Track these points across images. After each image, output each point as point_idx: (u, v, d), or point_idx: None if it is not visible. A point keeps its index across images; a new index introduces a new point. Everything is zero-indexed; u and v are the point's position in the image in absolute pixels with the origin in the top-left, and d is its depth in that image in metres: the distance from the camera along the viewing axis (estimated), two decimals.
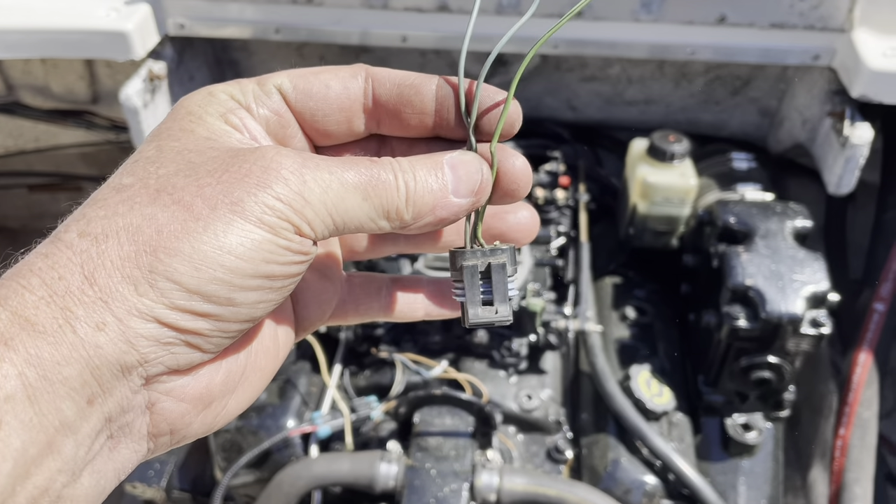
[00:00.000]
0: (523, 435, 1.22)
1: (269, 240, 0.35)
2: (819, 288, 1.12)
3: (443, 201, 0.39)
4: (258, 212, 0.35)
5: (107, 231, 0.34)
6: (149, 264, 0.34)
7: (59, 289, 0.33)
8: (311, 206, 0.36)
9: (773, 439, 1.23)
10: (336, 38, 1.33)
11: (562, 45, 1.29)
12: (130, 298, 0.33)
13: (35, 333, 0.32)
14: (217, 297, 0.35)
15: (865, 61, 1.18)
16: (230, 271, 0.34)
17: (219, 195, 0.35)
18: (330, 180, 0.37)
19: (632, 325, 1.34)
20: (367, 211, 0.38)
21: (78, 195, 1.61)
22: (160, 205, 0.35)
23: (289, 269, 0.37)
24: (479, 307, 0.42)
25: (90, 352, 0.33)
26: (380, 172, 0.38)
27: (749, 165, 1.38)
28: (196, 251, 0.34)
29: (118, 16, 1.26)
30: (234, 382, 0.40)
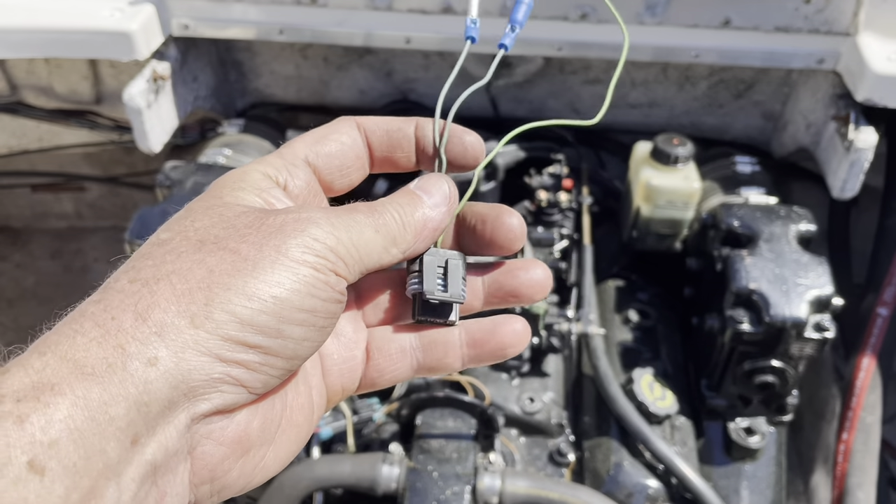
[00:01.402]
0: (525, 438, 1.22)
1: (313, 275, 0.38)
2: (823, 292, 1.12)
3: (428, 214, 0.44)
4: (301, 252, 0.38)
5: (157, 276, 0.36)
6: (204, 298, 0.35)
7: (111, 328, 0.34)
8: (342, 244, 0.39)
9: (776, 444, 1.23)
10: (340, 39, 1.33)
11: (565, 47, 1.29)
12: (186, 331, 0.35)
13: (83, 375, 0.32)
14: (268, 329, 0.36)
15: (870, 65, 1.18)
16: (280, 302, 0.37)
17: (262, 240, 0.38)
18: (350, 221, 0.41)
19: (634, 329, 1.33)
20: (381, 242, 0.41)
21: (81, 195, 1.61)
22: (206, 251, 0.37)
23: (330, 306, 0.39)
24: (436, 289, 0.45)
25: (139, 388, 0.33)
26: (379, 209, 0.43)
27: (753, 169, 1.38)
28: (248, 285, 0.36)
29: (122, 16, 1.26)
30: (271, 431, 0.40)
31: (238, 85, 1.65)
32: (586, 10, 1.25)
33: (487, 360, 0.47)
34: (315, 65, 1.59)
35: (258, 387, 0.38)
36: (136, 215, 1.17)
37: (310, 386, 0.44)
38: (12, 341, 1.41)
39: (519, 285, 0.47)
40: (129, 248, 1.15)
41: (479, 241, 0.47)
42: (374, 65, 1.58)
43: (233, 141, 1.45)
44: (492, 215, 0.46)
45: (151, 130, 1.30)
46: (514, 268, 0.47)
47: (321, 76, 1.62)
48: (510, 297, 0.47)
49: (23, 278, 2.22)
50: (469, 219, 0.47)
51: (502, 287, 0.47)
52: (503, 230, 0.45)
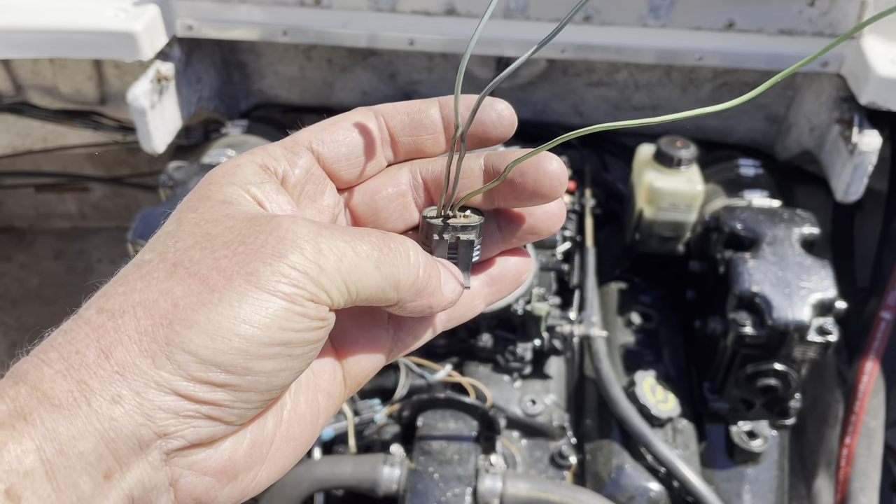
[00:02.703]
0: (527, 440, 1.21)
1: (285, 307, 0.35)
2: (826, 295, 1.11)
3: (437, 289, 0.42)
4: (274, 281, 0.35)
5: (124, 307, 0.35)
6: (165, 337, 0.34)
7: (75, 362, 0.33)
8: (326, 274, 0.36)
9: (779, 447, 1.22)
10: (344, 40, 1.33)
11: (569, 49, 1.29)
12: (147, 371, 0.33)
13: (52, 407, 0.32)
14: (234, 367, 0.35)
15: (874, 68, 1.18)
16: (246, 340, 0.34)
17: (235, 266, 0.35)
18: (344, 248, 0.37)
19: (637, 331, 1.33)
20: (379, 281, 0.38)
21: (85, 196, 1.62)
22: (176, 279, 0.35)
23: (307, 335, 0.37)
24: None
25: (105, 424, 0.32)
26: (393, 246, 0.40)
27: (756, 172, 1.38)
28: (211, 322, 0.34)
29: (126, 16, 1.26)
30: (261, 454, 0.39)
31: (242, 86, 1.66)
32: (590, 13, 1.25)
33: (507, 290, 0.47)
34: (319, 66, 1.60)
35: (234, 420, 0.36)
36: (139, 216, 1.18)
37: (313, 390, 0.42)
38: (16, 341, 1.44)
39: (534, 220, 0.45)
40: (131, 249, 1.15)
41: (519, 195, 0.43)
42: (378, 66, 1.58)
43: (236, 142, 1.45)
44: (532, 164, 0.42)
45: (155, 131, 1.31)
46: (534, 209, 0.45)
47: (325, 78, 1.62)
48: (528, 232, 0.45)
49: (27, 279, 2.23)
50: (503, 169, 0.43)
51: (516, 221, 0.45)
52: (546, 178, 0.42)
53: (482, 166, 0.44)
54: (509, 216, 0.45)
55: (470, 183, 0.44)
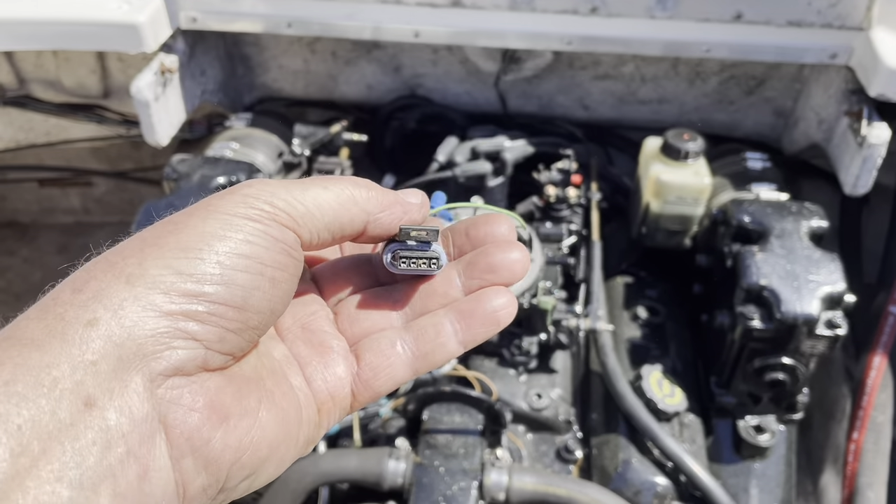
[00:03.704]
0: (533, 434, 1.21)
1: (248, 224, 0.37)
2: (835, 289, 1.10)
3: (400, 197, 0.44)
4: (232, 206, 0.38)
5: (97, 260, 0.36)
6: (137, 260, 0.35)
7: (49, 305, 0.34)
8: (279, 199, 0.39)
9: (786, 442, 1.21)
10: (348, 32, 1.32)
11: (575, 41, 1.28)
12: (122, 290, 0.34)
13: (22, 345, 0.32)
14: (207, 275, 0.35)
15: (884, 60, 1.17)
16: (215, 249, 0.36)
17: (192, 210, 0.38)
18: (292, 182, 0.40)
19: (643, 325, 1.32)
20: (333, 197, 0.40)
21: (88, 190, 1.61)
22: (145, 230, 0.38)
23: (276, 256, 0.38)
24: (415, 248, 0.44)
25: (81, 348, 0.32)
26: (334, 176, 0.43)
27: (763, 165, 1.37)
28: (180, 241, 0.36)
29: (130, 8, 1.25)
30: (249, 406, 0.38)
31: (246, 79, 1.65)
32: (596, 4, 1.24)
33: (481, 331, 0.44)
34: (323, 59, 1.59)
35: (213, 341, 0.36)
36: (142, 209, 1.17)
37: (290, 382, 0.42)
38: None
39: (495, 264, 0.45)
40: None
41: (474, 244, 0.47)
42: (383, 59, 1.57)
43: (240, 135, 1.44)
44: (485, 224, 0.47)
45: (159, 123, 1.30)
46: (493, 247, 0.45)
47: (329, 71, 1.61)
48: (488, 274, 0.45)
49: (30, 273, 2.22)
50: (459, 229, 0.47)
51: (476, 265, 0.45)
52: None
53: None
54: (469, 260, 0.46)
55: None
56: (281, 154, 1.44)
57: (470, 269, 0.45)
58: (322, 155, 1.50)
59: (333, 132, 1.49)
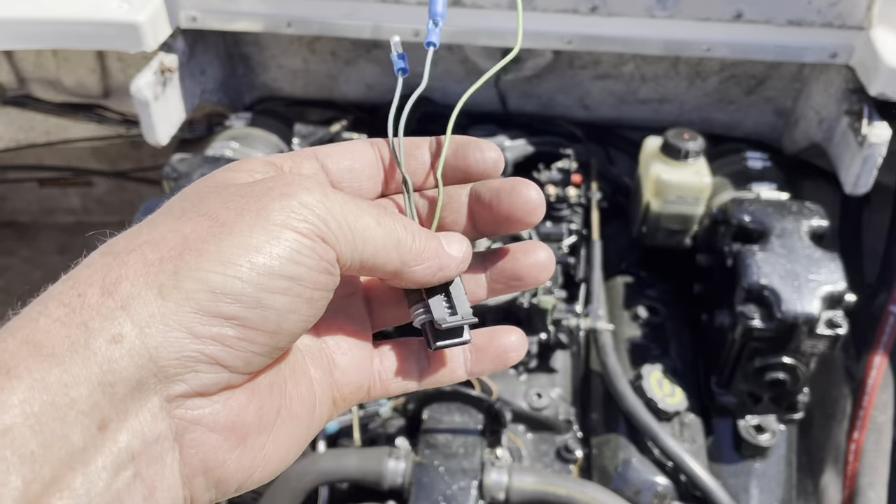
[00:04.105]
0: (533, 434, 1.21)
1: (295, 239, 0.35)
2: (836, 288, 1.10)
3: (441, 250, 0.42)
4: (284, 215, 0.35)
5: (130, 248, 0.34)
6: (174, 266, 0.33)
7: (76, 305, 0.32)
8: (333, 217, 0.36)
9: (787, 442, 1.21)
10: (348, 32, 1.32)
11: (575, 40, 1.28)
12: (153, 303, 0.32)
13: (42, 357, 0.30)
14: (244, 297, 0.33)
15: (884, 59, 1.17)
16: (256, 267, 0.34)
17: (244, 204, 0.35)
18: (348, 201, 0.38)
19: (644, 325, 1.32)
20: (381, 236, 0.38)
21: (88, 190, 1.61)
22: (185, 220, 0.35)
23: (317, 276, 0.36)
24: (446, 315, 0.43)
25: (103, 367, 0.30)
26: (390, 211, 0.42)
27: (764, 164, 1.37)
28: (222, 250, 0.33)
29: (130, 7, 1.25)
30: (269, 420, 0.37)
31: (246, 79, 1.65)
32: (596, 3, 1.24)
33: (490, 367, 0.46)
34: (323, 59, 1.59)
35: (239, 365, 0.34)
36: (142, 207, 1.17)
37: (310, 378, 0.41)
38: None
39: (519, 268, 0.45)
40: None
41: (496, 217, 0.44)
42: (383, 59, 1.57)
43: (240, 134, 1.44)
44: (506, 188, 0.43)
45: (159, 123, 1.30)
46: (516, 251, 0.45)
47: (329, 70, 1.61)
48: (513, 281, 0.45)
49: (30, 273, 2.22)
50: (484, 195, 0.44)
51: (504, 272, 0.45)
52: (520, 202, 0.43)
53: (468, 195, 0.45)
54: (496, 263, 0.46)
55: (456, 211, 0.45)
56: (280, 153, 1.44)
57: (496, 274, 0.45)
58: None
59: (333, 131, 1.49)
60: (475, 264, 0.46)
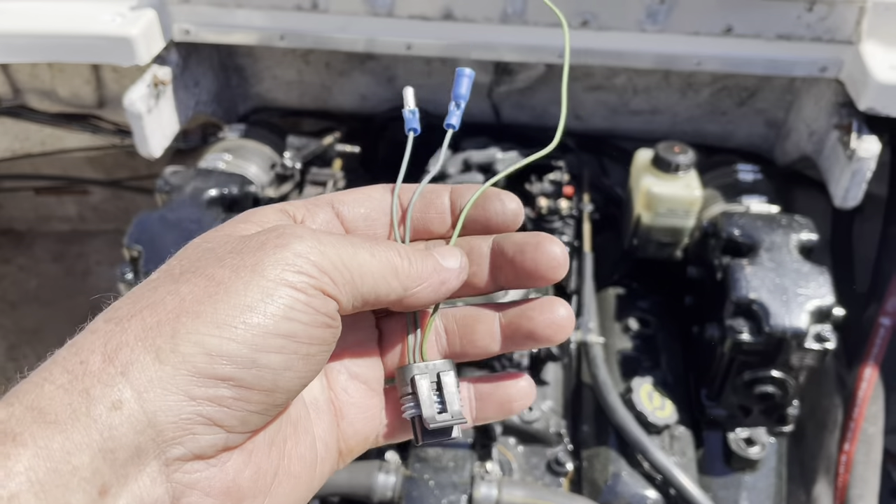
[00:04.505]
0: (523, 446, 1.21)
1: (289, 295, 0.35)
2: (824, 302, 1.11)
3: (439, 265, 0.42)
4: (279, 269, 0.36)
5: (132, 312, 0.35)
6: (171, 330, 0.34)
7: (79, 372, 0.33)
8: (328, 259, 0.37)
9: (777, 454, 1.22)
10: (341, 45, 1.33)
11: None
12: (150, 368, 0.33)
13: (46, 424, 0.31)
14: (240, 358, 0.34)
15: (873, 74, 1.17)
16: (251, 328, 0.34)
17: (239, 262, 0.36)
18: (341, 240, 0.39)
19: (634, 337, 1.33)
20: (378, 267, 0.39)
21: (84, 198, 1.61)
22: (182, 281, 0.36)
23: (313, 331, 0.36)
24: (435, 413, 0.43)
25: (103, 434, 0.31)
26: (381, 240, 0.41)
27: (755, 177, 1.37)
28: (218, 311, 0.34)
29: (123, 21, 1.26)
30: (265, 482, 0.38)
31: (240, 90, 1.65)
32: (587, 18, 1.25)
33: (493, 416, 0.46)
34: (317, 70, 1.60)
35: (235, 425, 0.35)
36: (135, 220, 1.17)
37: (312, 435, 0.41)
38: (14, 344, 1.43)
39: (535, 327, 0.43)
40: (126, 254, 1.15)
41: (518, 273, 0.43)
42: (376, 70, 1.58)
43: (233, 146, 1.45)
44: (532, 244, 0.43)
45: (152, 135, 1.30)
46: (530, 310, 0.44)
47: (323, 81, 1.62)
48: (527, 339, 0.44)
49: (25, 281, 2.23)
50: (508, 249, 0.43)
51: (520, 329, 0.44)
52: (545, 258, 0.42)
53: (490, 247, 0.45)
54: (511, 318, 0.45)
55: (478, 263, 0.45)
56: (273, 165, 1.45)
57: (511, 331, 0.45)
58: (315, 166, 1.51)
59: (326, 144, 1.50)
60: (490, 316, 0.45)
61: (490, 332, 0.45)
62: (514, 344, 0.45)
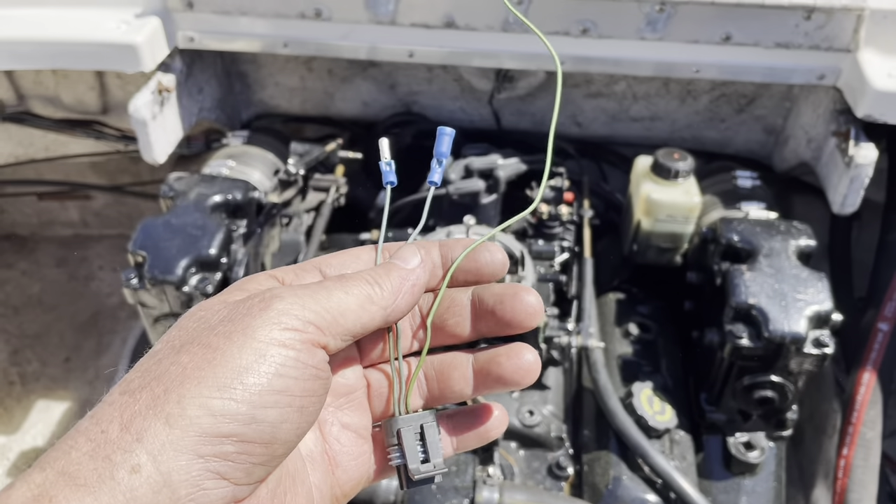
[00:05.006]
0: (524, 451, 1.22)
1: (281, 353, 0.39)
2: (822, 308, 1.12)
3: (405, 274, 0.46)
4: (266, 330, 0.39)
5: (142, 385, 0.38)
6: (177, 397, 0.37)
7: (101, 440, 0.36)
8: (309, 310, 0.41)
9: (776, 458, 1.23)
10: (344, 52, 1.34)
11: (568, 61, 1.30)
12: (161, 433, 0.36)
13: (76, 487, 0.34)
14: (240, 415, 0.38)
15: (871, 81, 1.19)
16: (248, 387, 0.38)
17: (231, 328, 0.40)
18: (316, 289, 0.42)
19: (634, 342, 1.34)
20: (353, 301, 0.43)
21: (87, 204, 1.62)
22: (183, 352, 0.40)
23: (304, 384, 0.40)
24: (419, 464, 0.46)
25: (126, 496, 0.35)
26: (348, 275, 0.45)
27: (753, 184, 1.39)
28: (217, 375, 0.38)
29: (128, 28, 1.27)
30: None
31: (243, 96, 1.67)
32: (587, 26, 1.26)
33: (472, 443, 0.50)
34: (320, 77, 1.61)
35: (241, 477, 0.38)
36: (140, 226, 1.18)
37: (309, 485, 0.45)
38: (17, 348, 1.44)
39: (503, 373, 0.47)
40: (131, 259, 1.16)
41: (499, 322, 0.47)
42: (378, 77, 1.59)
43: (237, 152, 1.46)
44: (510, 294, 0.47)
45: (156, 142, 1.32)
46: (497, 355, 0.48)
47: (326, 88, 1.63)
48: (496, 383, 0.48)
49: (28, 286, 2.24)
50: (487, 300, 0.47)
51: (490, 374, 0.48)
52: (522, 307, 0.46)
53: (470, 298, 0.48)
54: (481, 364, 0.48)
55: (459, 314, 0.48)
56: (277, 172, 1.46)
57: (482, 376, 0.48)
58: (318, 172, 1.52)
59: (329, 150, 1.51)
60: (464, 361, 0.49)
61: (464, 377, 0.49)
62: (484, 387, 0.49)
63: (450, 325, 0.49)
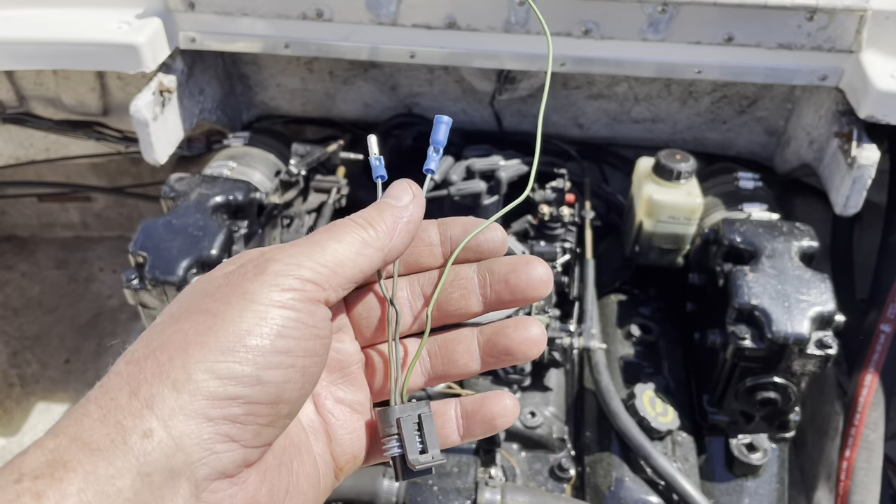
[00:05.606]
0: (526, 452, 1.21)
1: (281, 315, 0.39)
2: (825, 309, 1.12)
3: (398, 212, 0.45)
4: (265, 292, 0.40)
5: (146, 354, 0.39)
6: (182, 363, 0.38)
7: (111, 407, 0.37)
8: (304, 268, 0.41)
9: (778, 460, 1.22)
10: (345, 53, 1.34)
11: (569, 62, 1.30)
12: (170, 398, 0.37)
13: (90, 451, 0.35)
14: (245, 377, 0.38)
15: (873, 82, 1.19)
16: (251, 350, 0.38)
17: (229, 294, 0.40)
18: (308, 244, 0.43)
19: (636, 343, 1.33)
20: (348, 249, 0.43)
21: (87, 205, 1.61)
22: (184, 320, 0.40)
23: (305, 344, 0.40)
24: (418, 454, 0.46)
25: (140, 460, 0.35)
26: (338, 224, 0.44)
27: (755, 185, 1.38)
28: (220, 340, 0.38)
29: (129, 29, 1.27)
30: (279, 500, 0.42)
31: (244, 98, 1.66)
32: (589, 27, 1.26)
33: (479, 433, 0.49)
34: (321, 78, 1.61)
35: (249, 438, 0.39)
36: (141, 227, 1.18)
37: (314, 455, 0.45)
38: (17, 350, 1.44)
39: (510, 344, 0.48)
40: (132, 259, 1.16)
41: (512, 290, 0.47)
42: (379, 79, 1.59)
43: (238, 153, 1.46)
44: (522, 262, 0.47)
45: (157, 143, 1.31)
46: (505, 327, 0.48)
47: (327, 89, 1.63)
48: (504, 356, 0.48)
49: (28, 287, 2.23)
50: (499, 271, 0.48)
51: (496, 346, 0.48)
52: (536, 276, 0.47)
53: (475, 271, 0.48)
54: (488, 336, 0.48)
55: (464, 287, 0.48)
56: (278, 173, 1.46)
57: (489, 348, 0.48)
58: (319, 173, 1.52)
59: (330, 151, 1.51)
60: (469, 336, 0.48)
61: (469, 352, 0.49)
62: (492, 361, 0.49)
63: (454, 297, 0.48)
